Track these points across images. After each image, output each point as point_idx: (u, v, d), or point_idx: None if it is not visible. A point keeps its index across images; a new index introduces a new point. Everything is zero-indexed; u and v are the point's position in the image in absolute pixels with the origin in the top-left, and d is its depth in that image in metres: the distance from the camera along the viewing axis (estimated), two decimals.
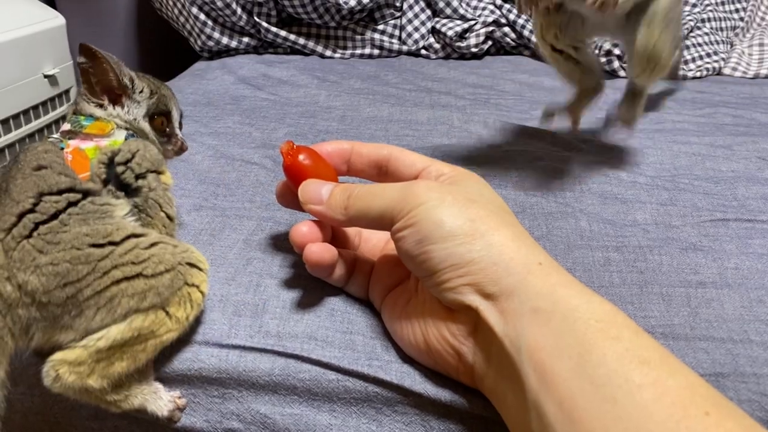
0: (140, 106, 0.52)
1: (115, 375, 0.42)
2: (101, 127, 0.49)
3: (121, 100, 0.52)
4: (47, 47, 1.18)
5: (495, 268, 0.39)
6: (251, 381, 0.46)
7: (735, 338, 0.48)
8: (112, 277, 0.41)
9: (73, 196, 0.43)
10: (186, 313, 0.44)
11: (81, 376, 0.41)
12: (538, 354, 0.36)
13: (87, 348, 0.41)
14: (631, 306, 0.51)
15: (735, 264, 0.56)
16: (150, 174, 0.48)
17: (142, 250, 0.43)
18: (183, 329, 0.45)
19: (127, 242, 0.43)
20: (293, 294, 0.51)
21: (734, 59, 1.24)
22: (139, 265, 0.42)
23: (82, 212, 0.43)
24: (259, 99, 0.96)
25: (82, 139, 0.49)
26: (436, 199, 0.41)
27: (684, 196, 0.66)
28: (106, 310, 0.41)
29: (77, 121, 0.50)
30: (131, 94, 0.52)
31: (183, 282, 0.44)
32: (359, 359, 0.46)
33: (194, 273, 0.45)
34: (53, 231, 0.41)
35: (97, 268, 0.41)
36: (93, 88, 0.51)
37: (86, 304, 0.41)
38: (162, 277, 0.43)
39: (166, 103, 0.54)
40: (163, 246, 0.44)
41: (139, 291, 0.42)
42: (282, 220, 0.60)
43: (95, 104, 0.51)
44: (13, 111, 1.08)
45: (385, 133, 0.83)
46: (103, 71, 0.50)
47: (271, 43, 1.24)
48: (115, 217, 0.45)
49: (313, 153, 0.49)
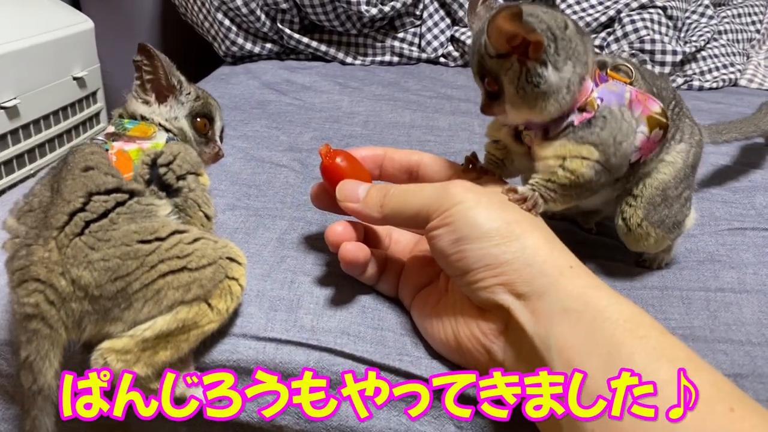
0: (183, 106, 0.55)
1: (159, 363, 0.44)
2: (144, 130, 0.51)
3: (167, 100, 0.54)
4: (76, 50, 1.21)
5: (529, 270, 0.41)
6: (288, 373, 0.47)
7: (753, 341, 0.50)
8: (159, 271, 0.44)
9: (120, 196, 0.46)
10: (226, 305, 0.46)
11: (127, 363, 0.44)
12: (568, 352, 0.37)
13: (134, 337, 0.44)
14: (651, 309, 0.53)
15: (753, 270, 0.57)
16: (189, 175, 0.51)
17: (186, 245, 0.45)
18: (223, 320, 0.47)
19: (172, 238, 0.45)
20: (326, 291, 0.53)
21: (750, 71, 1.25)
22: (184, 259, 0.45)
23: (129, 211, 0.45)
24: (284, 104, 0.98)
25: (125, 141, 0.50)
26: (472, 200, 0.43)
27: (702, 205, 0.68)
28: (153, 302, 0.44)
29: (121, 124, 0.52)
30: (178, 95, 0.54)
31: (224, 275, 0.46)
32: (390, 354, 0.48)
33: (234, 267, 0.47)
34: (103, 229, 0.44)
35: (145, 262, 0.43)
36: (144, 85, 0.53)
37: (135, 297, 0.43)
38: (205, 270, 0.45)
39: (210, 110, 0.57)
40: (205, 241, 0.47)
41: (184, 284, 0.44)
42: (313, 220, 0.62)
43: (142, 100, 0.53)
44: (43, 112, 1.11)
45: (407, 139, 0.85)
46: (155, 70, 0.53)
47: (293, 49, 1.27)
48: (159, 215, 0.47)
49: (349, 156, 0.51)
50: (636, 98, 0.48)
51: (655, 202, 0.53)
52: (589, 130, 0.46)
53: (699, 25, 1.28)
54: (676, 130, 0.54)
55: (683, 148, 0.54)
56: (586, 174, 0.46)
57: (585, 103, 0.46)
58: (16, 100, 1.03)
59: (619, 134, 0.46)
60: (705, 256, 0.60)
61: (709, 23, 1.29)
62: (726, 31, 1.31)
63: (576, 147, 0.46)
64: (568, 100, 0.45)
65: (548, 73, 0.44)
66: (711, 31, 1.26)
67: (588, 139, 0.46)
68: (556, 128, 0.47)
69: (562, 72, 0.44)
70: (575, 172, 0.46)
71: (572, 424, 0.36)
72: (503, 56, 0.44)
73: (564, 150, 0.47)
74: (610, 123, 0.46)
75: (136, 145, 0.50)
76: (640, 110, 0.48)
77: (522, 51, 0.44)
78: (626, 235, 0.55)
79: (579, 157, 0.46)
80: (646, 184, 0.53)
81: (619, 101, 0.47)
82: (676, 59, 1.17)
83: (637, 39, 1.18)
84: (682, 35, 1.27)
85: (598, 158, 0.46)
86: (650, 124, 0.48)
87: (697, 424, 0.33)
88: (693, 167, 0.56)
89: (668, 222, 0.54)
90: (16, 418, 0.52)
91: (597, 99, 0.46)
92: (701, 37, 1.23)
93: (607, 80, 0.48)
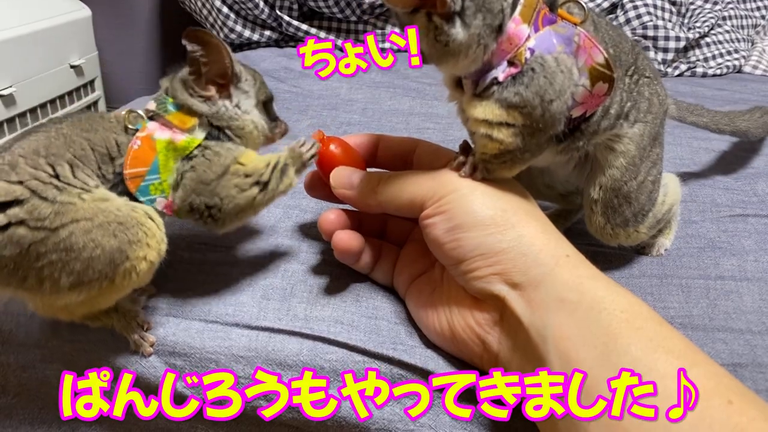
0: (249, 96, 0.49)
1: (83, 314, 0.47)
2: (183, 120, 0.46)
3: (228, 91, 0.48)
4: (73, 38, 1.20)
5: (524, 259, 0.40)
6: (279, 360, 0.47)
7: (753, 329, 0.49)
8: (48, 259, 0.42)
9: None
10: (132, 281, 0.44)
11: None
12: (564, 343, 0.37)
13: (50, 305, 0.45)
14: (650, 297, 0.52)
15: (754, 257, 0.56)
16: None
17: (80, 236, 0.42)
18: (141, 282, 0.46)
19: (63, 230, 0.42)
20: (320, 279, 0.52)
21: (755, 57, 1.24)
22: (74, 252, 0.42)
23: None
24: (282, 91, 0.97)
25: (161, 124, 0.46)
26: (467, 188, 0.43)
27: (703, 192, 0.67)
28: (50, 282, 0.42)
29: (164, 103, 0.46)
30: (237, 83, 0.48)
31: (125, 257, 0.43)
32: (384, 343, 0.47)
33: (135, 248, 0.44)
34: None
35: (28, 252, 0.41)
36: (200, 79, 0.46)
37: (29, 283, 0.42)
38: (99, 259, 0.43)
39: (266, 88, 0.51)
40: (104, 228, 0.43)
41: (78, 270, 0.42)
42: (308, 208, 0.62)
43: (202, 99, 0.46)
44: (40, 100, 1.11)
45: (406, 126, 0.84)
46: (218, 58, 0.46)
47: (292, 36, 1.25)
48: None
49: (344, 143, 0.51)
50: (583, 44, 0.43)
51: (613, 205, 0.50)
52: (513, 89, 0.42)
53: (703, 11, 1.26)
54: (632, 107, 0.49)
55: (636, 132, 0.49)
56: (513, 143, 0.43)
57: (515, 54, 0.42)
58: (12, 88, 1.02)
59: (549, 91, 0.42)
60: (705, 243, 0.59)
61: (713, 9, 1.27)
62: (730, 16, 1.29)
63: (501, 112, 0.43)
64: (481, 54, 0.42)
65: (456, 30, 0.40)
66: (715, 17, 1.24)
67: (511, 100, 0.42)
68: (483, 83, 0.43)
69: (472, 27, 0.41)
70: (504, 143, 0.43)
71: (572, 424, 0.36)
72: (414, 11, 0.41)
73: (489, 113, 0.43)
74: (538, 78, 0.41)
75: (169, 135, 0.45)
76: (584, 59, 0.43)
77: (430, 4, 0.40)
78: (599, 236, 0.53)
79: (504, 125, 0.43)
80: (602, 185, 0.50)
81: (566, 46, 0.42)
82: (680, 45, 1.16)
83: (640, 25, 1.17)
84: (685, 21, 1.25)
85: (523, 122, 0.42)
86: (592, 77, 0.43)
87: (695, 417, 0.32)
88: (653, 140, 0.51)
89: (638, 216, 0.52)
90: (7, 407, 0.52)
91: (527, 50, 0.41)
92: (705, 23, 1.22)
93: (555, 21, 0.43)
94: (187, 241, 0.56)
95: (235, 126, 0.48)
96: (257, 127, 0.50)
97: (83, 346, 0.49)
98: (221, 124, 0.48)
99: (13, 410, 0.52)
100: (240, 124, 0.48)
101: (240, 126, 0.48)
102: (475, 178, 0.44)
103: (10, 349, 0.50)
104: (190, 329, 0.48)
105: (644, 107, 0.50)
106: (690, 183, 0.69)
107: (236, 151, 0.47)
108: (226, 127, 0.48)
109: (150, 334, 0.48)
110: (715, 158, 0.75)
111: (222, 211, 0.46)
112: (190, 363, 0.47)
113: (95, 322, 0.48)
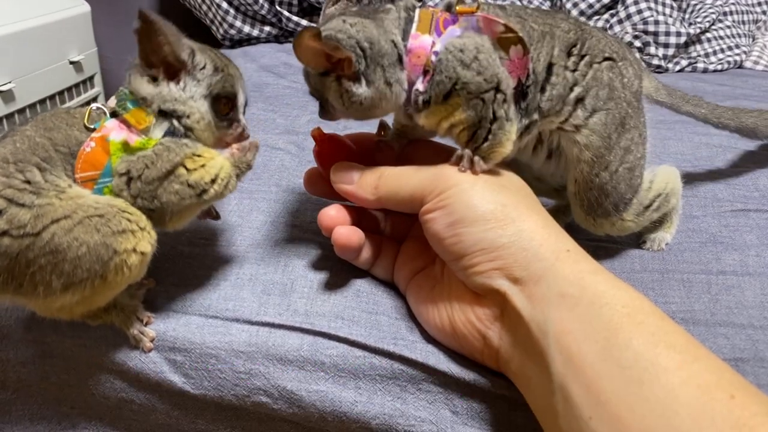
0: (200, 84, 0.46)
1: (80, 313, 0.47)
2: (139, 119, 0.44)
3: (179, 76, 0.45)
4: (73, 34, 1.19)
5: (525, 254, 0.40)
6: (279, 356, 0.47)
7: (755, 324, 0.49)
8: (37, 264, 0.42)
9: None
10: (125, 275, 0.44)
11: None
12: (565, 338, 0.37)
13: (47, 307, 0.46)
14: (652, 292, 0.52)
15: (756, 252, 0.56)
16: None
17: (63, 237, 0.42)
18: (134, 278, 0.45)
19: (45, 232, 0.42)
20: (320, 275, 0.52)
21: (756, 52, 1.23)
22: (61, 253, 0.42)
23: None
24: (282, 87, 0.97)
25: (120, 122, 0.44)
26: (468, 182, 0.42)
27: (705, 187, 0.67)
28: (43, 286, 0.43)
29: (124, 100, 0.45)
30: (191, 70, 0.46)
31: (113, 251, 0.43)
32: (385, 338, 0.47)
33: (122, 239, 0.43)
34: None
35: (17, 259, 0.42)
36: (148, 59, 0.44)
37: (23, 289, 0.43)
38: (86, 256, 0.43)
39: (233, 84, 0.48)
40: (86, 225, 0.43)
41: (67, 271, 0.42)
42: (308, 204, 0.61)
43: (147, 77, 0.45)
44: (39, 96, 1.10)
45: None
46: (158, 43, 0.44)
47: (291, 32, 1.25)
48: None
49: (342, 139, 0.50)
50: (484, 25, 0.45)
51: (590, 198, 0.51)
52: (438, 89, 0.45)
53: (704, 6, 1.25)
54: (585, 92, 0.48)
55: (597, 122, 0.49)
56: (472, 116, 0.45)
57: (424, 64, 0.45)
58: (11, 84, 1.02)
59: (464, 57, 0.44)
60: (707, 238, 0.59)
61: (714, 4, 1.27)
62: (731, 12, 1.28)
63: (443, 106, 0.45)
64: (399, 90, 0.45)
65: (362, 89, 0.44)
66: (716, 12, 1.24)
67: (440, 92, 0.45)
68: (413, 99, 0.46)
69: (375, 81, 0.44)
70: (465, 120, 0.45)
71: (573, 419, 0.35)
72: (325, 74, 0.45)
73: (437, 114, 0.46)
74: (447, 59, 0.44)
75: (124, 136, 0.44)
76: (489, 36, 0.46)
77: (340, 68, 0.44)
78: (586, 227, 0.54)
79: (454, 110, 0.45)
80: (576, 179, 0.51)
81: (476, 35, 0.45)
82: (680, 41, 1.15)
83: (640, 20, 1.16)
84: (686, 16, 1.25)
85: (466, 96, 0.44)
86: (503, 46, 0.45)
87: (697, 411, 0.32)
88: (620, 126, 0.50)
89: (619, 206, 0.51)
90: (7, 403, 0.52)
91: (432, 54, 0.45)
92: (706, 19, 1.21)
93: (456, 20, 0.46)
94: (188, 236, 0.55)
95: (181, 111, 0.45)
96: (203, 117, 0.46)
97: (83, 342, 0.49)
98: (167, 108, 0.45)
99: (12, 406, 0.52)
100: (185, 110, 0.45)
101: (186, 113, 0.46)
102: (475, 172, 0.44)
103: (10, 345, 0.50)
104: (190, 324, 0.48)
105: (603, 94, 0.49)
106: (691, 178, 0.69)
107: (190, 148, 0.45)
108: (172, 112, 0.45)
109: (150, 329, 0.48)
110: (716, 153, 0.75)
111: (162, 216, 0.45)
112: (190, 358, 0.47)
113: (95, 321, 0.48)
